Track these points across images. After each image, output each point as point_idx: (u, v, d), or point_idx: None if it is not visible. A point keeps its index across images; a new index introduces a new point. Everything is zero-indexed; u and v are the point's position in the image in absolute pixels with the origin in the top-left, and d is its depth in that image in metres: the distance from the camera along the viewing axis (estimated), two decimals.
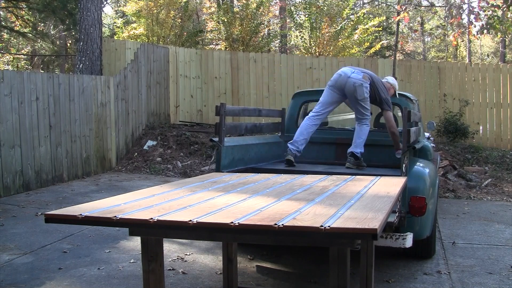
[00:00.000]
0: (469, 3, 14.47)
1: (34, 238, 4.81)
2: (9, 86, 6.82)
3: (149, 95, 10.61)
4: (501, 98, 11.08)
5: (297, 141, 4.87)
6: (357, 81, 4.85)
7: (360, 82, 4.85)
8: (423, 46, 30.25)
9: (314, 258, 4.37)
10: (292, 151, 4.82)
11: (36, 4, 12.46)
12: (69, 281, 3.72)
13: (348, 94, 4.93)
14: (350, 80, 4.86)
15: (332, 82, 4.98)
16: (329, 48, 13.10)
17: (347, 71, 4.95)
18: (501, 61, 23.99)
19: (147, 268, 2.49)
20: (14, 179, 6.91)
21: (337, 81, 4.92)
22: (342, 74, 4.92)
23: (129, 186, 7.50)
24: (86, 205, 2.35)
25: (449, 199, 7.41)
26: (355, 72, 4.91)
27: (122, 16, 20.71)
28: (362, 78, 4.87)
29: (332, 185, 3.09)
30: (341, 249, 2.21)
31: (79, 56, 9.72)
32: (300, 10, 15.32)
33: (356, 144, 4.81)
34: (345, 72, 4.93)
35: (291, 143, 4.89)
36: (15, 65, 19.42)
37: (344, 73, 4.91)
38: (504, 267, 4.19)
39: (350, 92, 4.89)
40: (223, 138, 4.15)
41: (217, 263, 4.15)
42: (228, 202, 2.44)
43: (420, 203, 3.68)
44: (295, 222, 1.98)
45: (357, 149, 4.76)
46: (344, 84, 4.88)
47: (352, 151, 4.74)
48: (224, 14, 13.74)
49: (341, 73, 4.94)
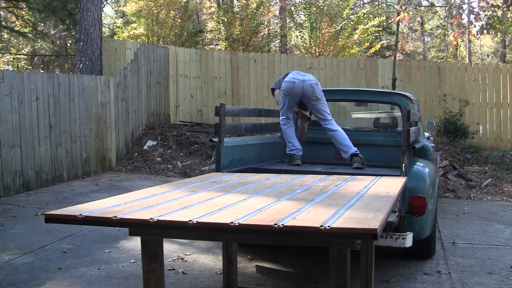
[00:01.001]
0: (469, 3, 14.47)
1: (34, 238, 4.81)
2: (9, 86, 6.82)
3: (149, 95, 10.61)
4: (501, 98, 11.08)
5: (293, 144, 5.00)
6: (312, 81, 4.97)
7: (315, 81, 5.00)
8: (423, 46, 30.26)
9: (314, 258, 4.36)
10: (297, 154, 4.93)
11: (36, 4, 12.46)
12: (69, 281, 3.72)
13: (306, 96, 4.99)
14: (306, 82, 4.95)
15: (287, 91, 5.02)
16: (329, 48, 13.10)
17: (298, 76, 5.02)
18: (501, 61, 23.99)
19: (147, 268, 2.49)
20: (14, 179, 6.91)
21: (294, 89, 4.98)
22: (295, 81, 4.97)
23: (129, 186, 7.50)
24: (86, 205, 2.35)
25: (449, 199, 7.41)
26: (305, 75, 5.03)
27: (122, 16, 20.70)
28: (314, 78, 5.05)
29: (332, 185, 3.09)
30: (341, 249, 2.21)
31: (79, 56, 9.72)
32: (300, 10, 15.33)
33: (348, 146, 4.80)
34: (297, 78, 4.99)
35: (290, 150, 4.98)
36: (15, 65, 19.42)
37: (297, 79, 4.97)
38: (504, 267, 4.19)
39: (308, 94, 4.96)
40: (223, 138, 4.15)
41: (217, 263, 4.15)
42: (228, 202, 2.44)
43: (420, 202, 3.68)
44: (295, 222, 1.98)
45: (353, 149, 4.77)
46: (301, 88, 4.94)
47: (352, 153, 4.74)
48: (224, 14, 13.75)
49: (294, 80, 4.99)
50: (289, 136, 5.07)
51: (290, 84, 5.00)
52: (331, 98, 5.35)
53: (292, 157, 4.93)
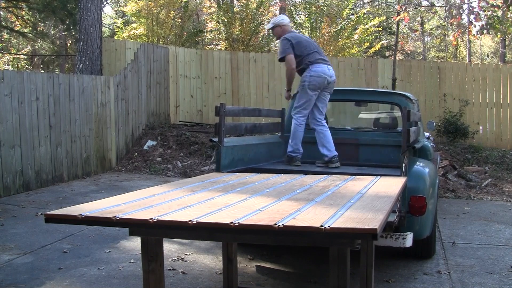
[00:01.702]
0: (469, 3, 14.46)
1: (34, 238, 4.81)
2: (9, 86, 6.82)
3: (149, 95, 10.61)
4: (501, 98, 11.08)
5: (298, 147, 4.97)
6: (334, 76, 5.04)
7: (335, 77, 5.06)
8: (423, 46, 30.26)
9: (314, 258, 4.36)
10: (297, 156, 4.92)
11: (36, 4, 12.46)
12: (69, 281, 3.72)
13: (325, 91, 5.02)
14: (333, 78, 5.02)
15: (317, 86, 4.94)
16: (329, 48, 13.10)
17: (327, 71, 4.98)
18: (501, 61, 23.99)
19: (147, 268, 2.49)
20: (14, 179, 6.91)
21: (321, 85, 4.95)
22: (326, 77, 4.95)
23: (129, 186, 7.50)
24: (86, 205, 2.35)
25: (449, 199, 7.40)
26: (330, 68, 5.03)
27: (122, 16, 20.71)
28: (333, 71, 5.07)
29: (332, 185, 3.09)
30: (341, 249, 2.21)
31: (79, 56, 9.72)
32: (300, 10, 15.32)
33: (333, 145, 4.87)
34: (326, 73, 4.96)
35: (293, 151, 4.93)
36: (15, 65, 19.42)
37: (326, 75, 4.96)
38: (504, 267, 4.19)
39: (330, 88, 5.03)
40: (223, 138, 4.15)
41: (217, 263, 4.15)
42: (228, 202, 2.44)
43: (420, 202, 3.68)
44: (295, 222, 1.98)
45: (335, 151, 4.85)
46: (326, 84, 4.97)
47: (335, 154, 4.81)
48: (224, 14, 13.75)
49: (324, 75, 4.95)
50: (298, 138, 4.96)
51: (321, 79, 4.92)
52: (331, 98, 5.35)
53: (292, 159, 4.92)
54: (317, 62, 4.98)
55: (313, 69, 4.94)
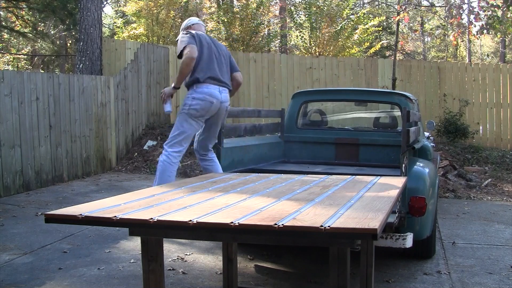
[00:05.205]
0: (469, 3, 14.47)
1: (34, 238, 4.81)
2: (9, 86, 6.82)
3: (149, 95, 10.61)
4: (501, 98, 11.08)
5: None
6: (227, 101, 4.16)
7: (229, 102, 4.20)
8: (423, 46, 30.26)
9: (314, 258, 4.36)
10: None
11: (36, 4, 12.45)
12: (69, 281, 3.72)
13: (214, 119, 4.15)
14: (225, 104, 4.14)
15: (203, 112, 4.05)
16: (329, 48, 13.10)
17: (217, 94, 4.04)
18: (501, 61, 24.00)
19: (147, 268, 2.49)
20: (14, 179, 6.91)
21: (209, 110, 4.07)
22: (213, 101, 4.06)
23: (129, 186, 7.50)
24: (86, 205, 2.34)
25: (449, 199, 7.40)
26: (224, 91, 4.12)
27: (122, 16, 20.69)
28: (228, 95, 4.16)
29: (332, 185, 3.09)
30: (341, 249, 2.21)
31: (79, 56, 9.72)
32: (300, 10, 15.31)
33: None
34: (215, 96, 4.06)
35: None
36: (15, 65, 19.42)
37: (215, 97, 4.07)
38: (504, 267, 4.19)
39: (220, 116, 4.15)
40: (222, 140, 4.14)
41: (217, 263, 4.15)
42: (228, 202, 2.44)
43: (420, 203, 3.68)
44: (295, 222, 1.98)
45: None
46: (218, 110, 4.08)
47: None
48: (224, 14, 13.74)
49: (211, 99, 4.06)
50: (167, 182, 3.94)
51: (207, 104, 3.98)
52: (331, 98, 5.35)
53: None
54: (206, 81, 4.07)
55: (198, 90, 4.05)
